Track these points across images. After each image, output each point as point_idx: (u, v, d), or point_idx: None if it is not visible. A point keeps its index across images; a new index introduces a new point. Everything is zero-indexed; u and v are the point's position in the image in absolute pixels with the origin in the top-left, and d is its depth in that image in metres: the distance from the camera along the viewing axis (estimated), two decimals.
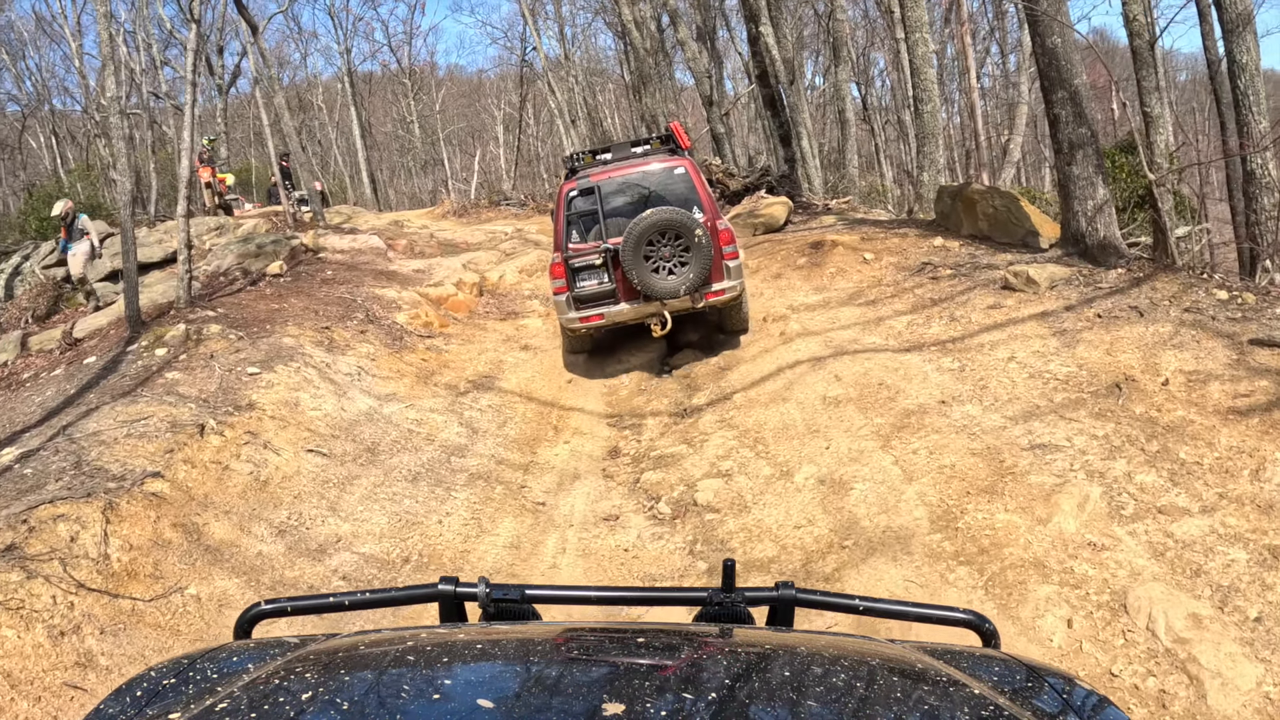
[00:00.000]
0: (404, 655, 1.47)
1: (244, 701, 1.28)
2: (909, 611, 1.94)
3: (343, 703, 1.27)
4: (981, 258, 12.00)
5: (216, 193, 24.82)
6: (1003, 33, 42.24)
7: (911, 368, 8.83)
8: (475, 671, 1.42)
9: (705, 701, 1.25)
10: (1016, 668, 1.66)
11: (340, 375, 10.24)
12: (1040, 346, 8.83)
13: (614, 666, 1.43)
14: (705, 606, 1.91)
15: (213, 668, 1.59)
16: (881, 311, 10.84)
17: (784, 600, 1.86)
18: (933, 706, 1.34)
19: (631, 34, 29.28)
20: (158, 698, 1.49)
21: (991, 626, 1.89)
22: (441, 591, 1.86)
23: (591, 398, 10.33)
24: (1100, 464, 6.56)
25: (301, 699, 1.27)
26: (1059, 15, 11.11)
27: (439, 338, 12.44)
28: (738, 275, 10.20)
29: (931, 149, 17.06)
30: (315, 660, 1.46)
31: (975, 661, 1.65)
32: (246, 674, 1.48)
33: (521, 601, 1.88)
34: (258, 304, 12.99)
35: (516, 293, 15.70)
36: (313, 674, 1.39)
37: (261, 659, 1.58)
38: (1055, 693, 1.56)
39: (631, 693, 1.26)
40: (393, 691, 1.29)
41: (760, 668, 1.43)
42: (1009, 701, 1.41)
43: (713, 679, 1.38)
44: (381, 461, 8.48)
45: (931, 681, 1.43)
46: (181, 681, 1.54)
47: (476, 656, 1.49)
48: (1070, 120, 11.11)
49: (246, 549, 6.82)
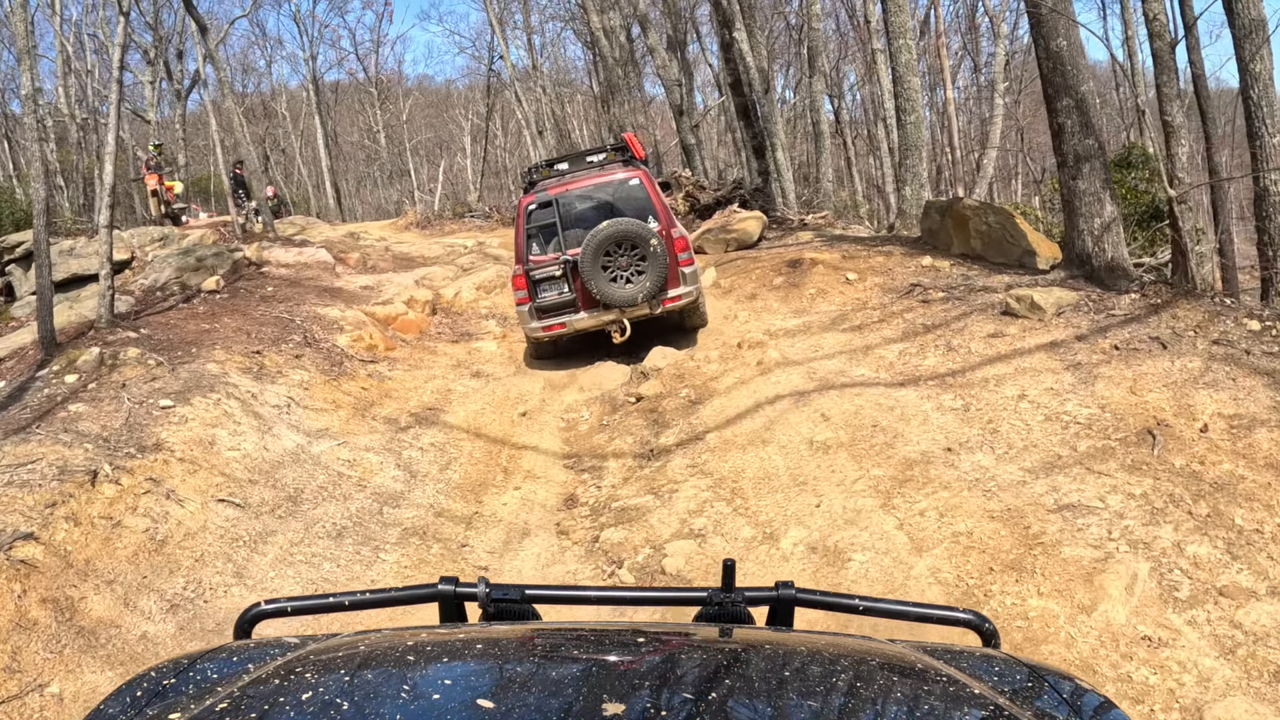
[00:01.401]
0: (404, 655, 1.47)
1: (244, 701, 1.28)
2: (909, 611, 1.93)
3: (342, 703, 1.25)
4: (976, 279, 11.03)
5: (163, 201, 23.47)
6: (975, 46, 41.64)
7: (909, 406, 7.82)
8: (475, 671, 1.41)
9: (705, 701, 1.23)
10: (1017, 667, 1.65)
11: (267, 408, 9.11)
12: (1053, 383, 7.84)
13: (614, 666, 1.39)
14: (705, 606, 1.88)
15: (213, 668, 1.57)
16: (869, 339, 9.83)
17: (784, 600, 1.84)
18: (933, 706, 1.33)
19: (600, 43, 28.33)
20: (158, 698, 1.47)
21: (991, 626, 1.86)
22: (441, 591, 1.85)
23: (547, 434, 9.24)
24: (1143, 531, 5.56)
25: (301, 699, 1.26)
26: (1065, 15, 10.18)
27: (383, 362, 11.31)
28: (693, 280, 10.57)
29: (915, 162, 16.10)
30: (315, 660, 1.45)
31: (975, 661, 1.63)
32: (246, 674, 1.46)
33: (521, 601, 1.86)
34: (187, 324, 11.83)
35: (472, 312, 14.59)
36: (313, 674, 1.38)
37: (261, 659, 1.55)
38: (1055, 692, 1.54)
39: (631, 692, 1.26)
40: (393, 691, 1.28)
41: (760, 668, 1.43)
42: (1009, 701, 1.40)
43: (713, 679, 1.35)
44: (303, 513, 7.36)
45: (931, 681, 1.42)
46: (181, 681, 1.52)
47: (476, 656, 1.48)
48: (1076, 130, 10.17)
49: (129, 630, 5.68)
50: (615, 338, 10.47)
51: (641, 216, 10.29)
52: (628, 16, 36.44)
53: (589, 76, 49.15)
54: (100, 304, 11.63)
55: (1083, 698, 1.57)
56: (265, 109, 55.71)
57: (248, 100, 54.70)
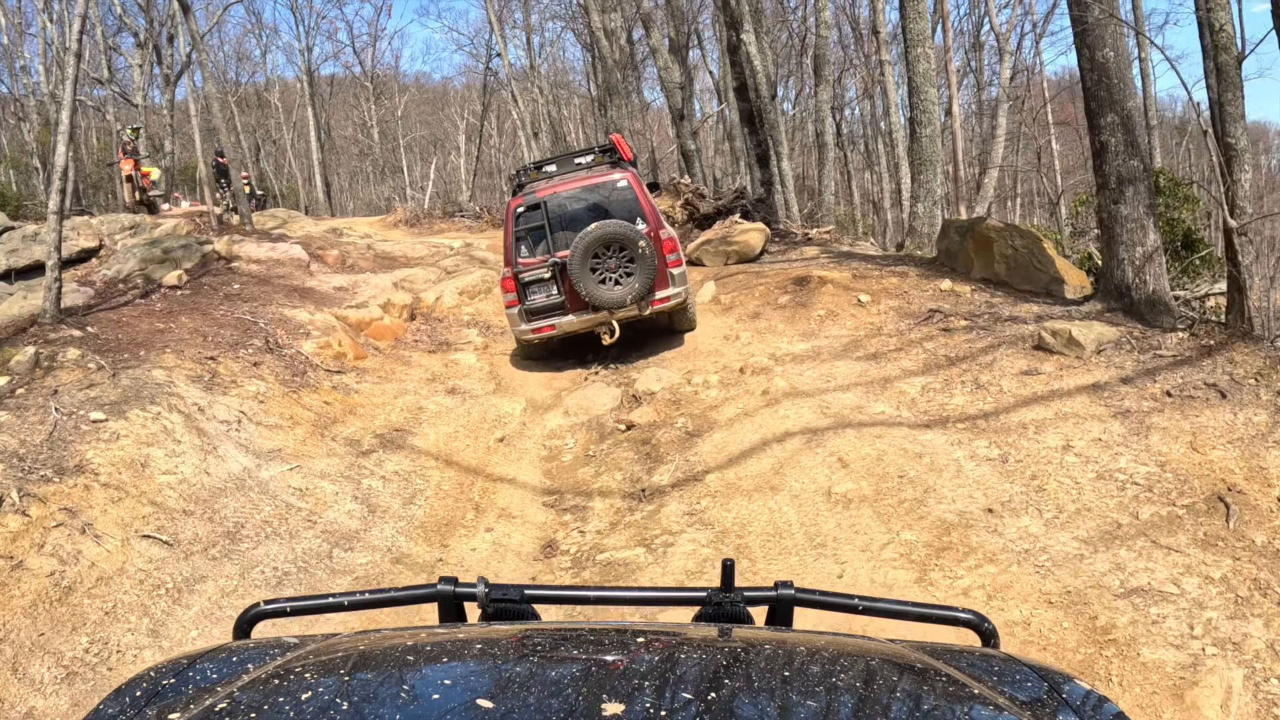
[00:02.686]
0: (404, 655, 1.46)
1: (243, 701, 1.27)
2: (909, 611, 1.90)
3: (342, 703, 1.24)
4: (1001, 308, 10.11)
5: (138, 187, 22.36)
6: (979, 63, 40.88)
7: (938, 453, 6.89)
8: (474, 672, 1.39)
9: (705, 701, 1.23)
10: (1016, 667, 1.62)
11: (214, 423, 8.12)
12: (1101, 433, 6.92)
13: (613, 666, 1.38)
14: (704, 606, 1.85)
15: (212, 668, 1.54)
16: (887, 369, 8.91)
17: (783, 600, 1.82)
18: (932, 706, 1.32)
19: (600, 43, 27.41)
20: (157, 698, 1.45)
21: (991, 625, 1.83)
22: (441, 591, 1.83)
23: (526, 464, 8.28)
24: (1229, 627, 4.65)
25: (301, 699, 1.24)
26: (1112, 23, 9.29)
27: (351, 373, 10.32)
28: (682, 282, 10.49)
29: (929, 178, 15.15)
30: (315, 660, 1.43)
31: (975, 661, 1.61)
32: (246, 674, 1.44)
33: (521, 601, 1.84)
34: (140, 322, 10.83)
35: (454, 318, 13.63)
36: (312, 674, 1.36)
37: (261, 659, 1.53)
38: (1055, 692, 1.51)
39: (631, 692, 1.25)
40: (392, 691, 1.28)
41: (760, 667, 1.42)
42: (1008, 701, 1.39)
43: (712, 679, 1.34)
44: (242, 553, 6.38)
45: (931, 681, 1.40)
46: (181, 681, 1.50)
47: (476, 656, 1.46)
48: (1121, 150, 9.28)
49: (12, 705, 4.71)
50: (604, 339, 10.47)
51: (630, 218, 10.29)
52: (629, 18, 35.54)
53: (587, 79, 48.48)
54: (46, 297, 10.63)
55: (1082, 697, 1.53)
56: (259, 99, 54.81)
57: (241, 90, 53.85)
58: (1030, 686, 1.54)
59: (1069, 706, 1.47)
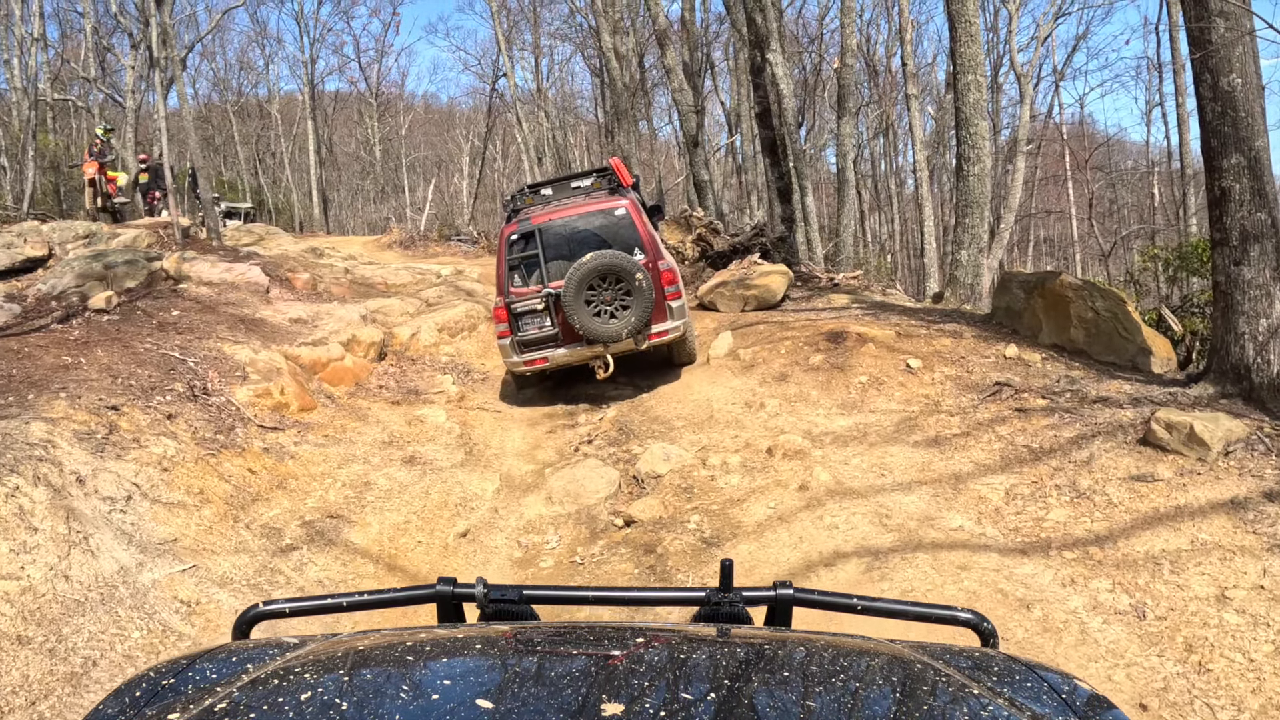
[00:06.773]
0: (403, 655, 1.43)
1: (243, 701, 1.24)
2: (908, 611, 1.86)
3: (342, 703, 1.21)
4: (1084, 384, 8.30)
5: (102, 193, 20.59)
6: (995, 106, 39.33)
7: (1049, 600, 5.06)
8: (474, 672, 1.37)
9: (704, 701, 1.21)
10: (1016, 667, 1.57)
11: (94, 500, 6.27)
12: (1259, 575, 5.14)
13: (612, 666, 1.35)
14: (703, 606, 1.82)
15: (212, 668, 1.51)
16: (956, 463, 7.08)
17: (782, 600, 1.78)
18: (931, 706, 1.29)
19: (610, 64, 25.75)
20: (157, 698, 1.41)
21: (990, 626, 1.80)
22: (440, 592, 1.80)
23: (493, 569, 6.42)
24: None
25: (300, 699, 1.22)
26: (1241, 43, 7.53)
27: (291, 429, 8.46)
28: (681, 315, 10.12)
29: (975, 222, 13.33)
30: (314, 660, 1.41)
31: (975, 661, 1.57)
32: (246, 674, 1.41)
33: (519, 602, 1.79)
34: (45, 354, 9.00)
35: (429, 360, 11.82)
36: (312, 674, 1.34)
37: (261, 659, 1.50)
38: (1055, 692, 1.46)
39: (630, 692, 1.22)
40: (392, 691, 1.25)
41: (759, 667, 1.39)
42: (1007, 701, 1.35)
43: (711, 679, 1.31)
44: (85, 709, 4.54)
45: (931, 681, 1.37)
46: (181, 682, 1.47)
47: (475, 656, 1.44)
48: (1247, 199, 7.52)
49: None
50: (599, 374, 10.06)
51: (627, 247, 9.87)
52: (642, 43, 34.02)
53: (595, 106, 47.14)
54: None
55: (1081, 697, 1.47)
56: (260, 110, 53.38)
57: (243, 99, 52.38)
58: (1030, 687, 1.47)
59: (1069, 707, 1.41)
